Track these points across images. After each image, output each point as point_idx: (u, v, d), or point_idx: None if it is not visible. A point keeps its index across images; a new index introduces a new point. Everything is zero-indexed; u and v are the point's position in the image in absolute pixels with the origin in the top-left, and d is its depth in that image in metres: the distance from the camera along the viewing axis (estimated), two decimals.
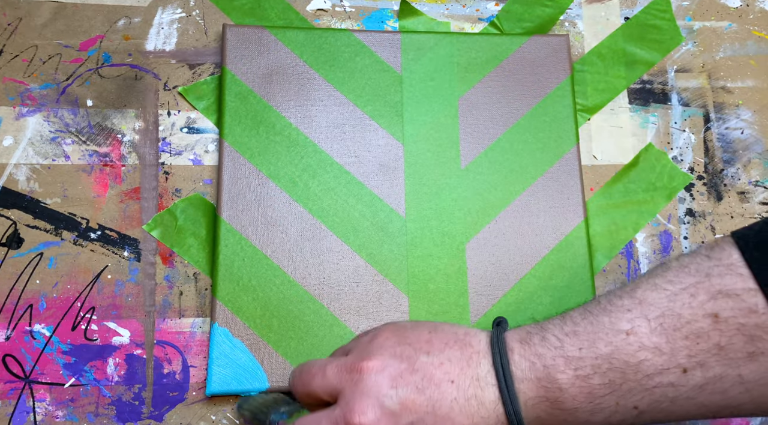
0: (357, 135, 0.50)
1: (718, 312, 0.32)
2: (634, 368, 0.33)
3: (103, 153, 0.49)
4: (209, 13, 0.53)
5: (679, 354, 0.32)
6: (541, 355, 0.35)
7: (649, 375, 0.33)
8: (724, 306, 0.32)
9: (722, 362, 0.32)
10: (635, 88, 0.55)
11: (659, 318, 0.33)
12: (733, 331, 0.32)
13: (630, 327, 0.33)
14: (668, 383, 0.33)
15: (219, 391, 0.44)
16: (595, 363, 0.34)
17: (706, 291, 0.32)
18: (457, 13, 0.55)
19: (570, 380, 0.34)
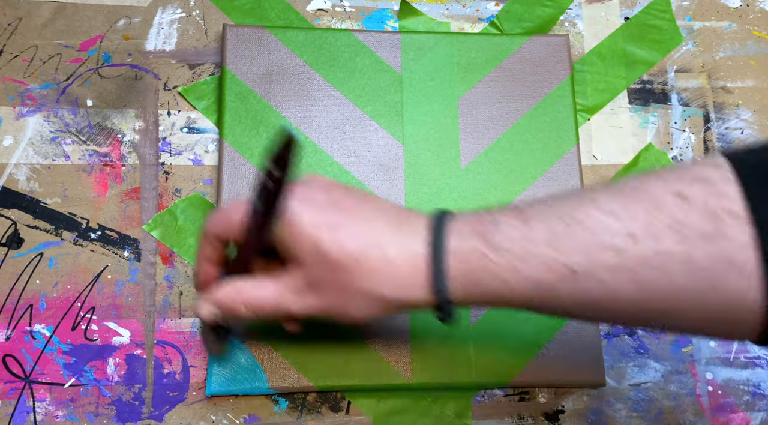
0: (357, 135, 0.50)
1: (687, 193, 0.30)
2: (582, 223, 0.31)
3: (103, 153, 0.49)
4: (209, 13, 0.53)
5: (633, 221, 0.31)
6: (490, 209, 0.34)
7: (595, 233, 0.31)
8: (695, 190, 0.30)
9: (676, 238, 0.30)
10: (635, 89, 0.55)
11: (623, 191, 0.32)
12: (697, 210, 0.30)
13: (591, 196, 0.32)
14: (613, 246, 0.31)
15: (219, 391, 0.44)
16: (544, 213, 0.32)
17: (680, 177, 0.31)
18: (457, 13, 0.56)
19: (510, 220, 0.33)
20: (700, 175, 0.31)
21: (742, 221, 0.29)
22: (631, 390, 0.47)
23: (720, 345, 0.49)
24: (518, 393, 0.47)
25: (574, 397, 0.47)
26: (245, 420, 0.44)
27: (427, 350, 0.46)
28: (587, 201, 0.32)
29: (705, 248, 0.30)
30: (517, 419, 0.46)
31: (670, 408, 0.47)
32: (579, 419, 0.46)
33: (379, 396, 0.46)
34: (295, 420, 0.45)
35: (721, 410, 0.47)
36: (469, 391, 0.46)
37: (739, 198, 0.29)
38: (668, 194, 0.31)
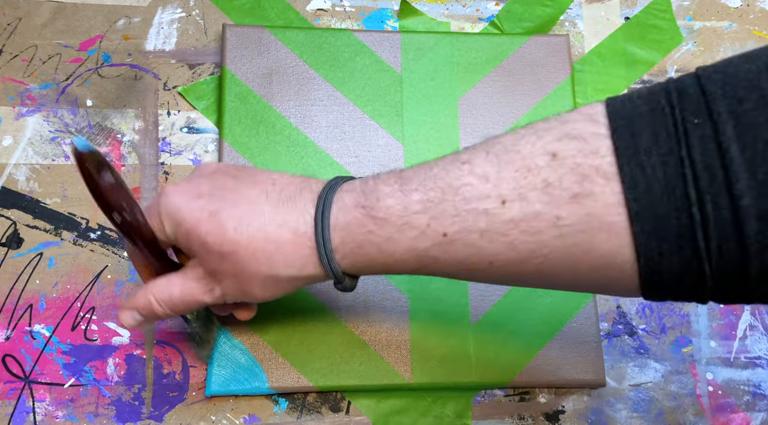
0: (357, 135, 0.50)
1: (557, 152, 0.30)
2: (455, 190, 0.31)
3: (103, 153, 0.49)
4: (209, 13, 0.53)
5: (503, 184, 0.30)
6: (377, 177, 0.34)
7: (467, 198, 0.31)
8: (565, 147, 0.30)
9: (544, 199, 0.30)
10: (635, 88, 0.54)
11: (498, 152, 0.31)
12: (566, 170, 0.29)
13: (467, 158, 0.32)
14: (483, 210, 0.31)
15: (219, 391, 0.44)
16: (423, 181, 0.33)
17: (555, 134, 0.30)
18: (457, 13, 0.55)
19: (391, 191, 0.33)
20: (575, 130, 0.30)
21: (612, 179, 0.28)
22: (632, 390, 0.47)
23: (720, 344, 0.49)
24: (518, 393, 0.47)
25: (574, 397, 0.47)
26: (245, 420, 0.44)
27: (427, 350, 0.46)
28: (463, 165, 0.32)
29: (573, 209, 0.29)
30: (518, 419, 0.46)
31: (670, 408, 0.47)
32: (579, 419, 0.46)
33: (379, 396, 0.46)
34: (295, 420, 0.45)
35: (721, 410, 0.47)
36: (469, 391, 0.46)
37: (610, 154, 0.29)
38: (540, 155, 0.30)
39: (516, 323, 0.47)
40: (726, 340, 0.49)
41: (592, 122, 0.30)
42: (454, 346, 0.46)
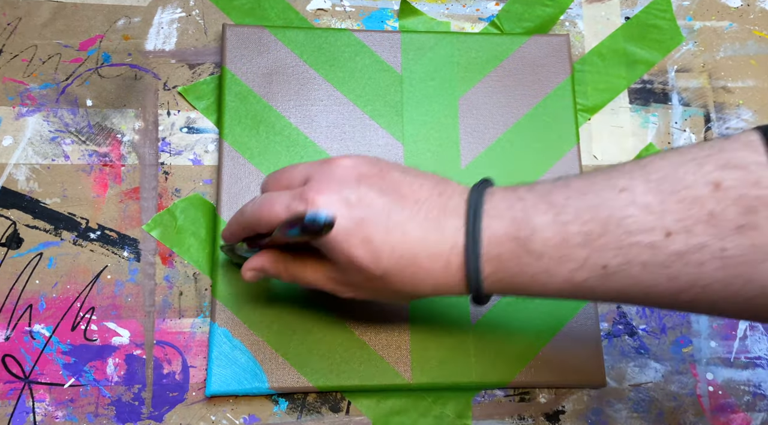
0: (357, 135, 0.50)
1: (720, 181, 0.30)
2: (617, 222, 0.31)
3: (103, 153, 0.49)
4: (209, 12, 0.53)
5: (668, 216, 0.30)
6: (523, 198, 0.34)
7: (630, 232, 0.31)
8: (728, 176, 0.30)
9: (709, 231, 0.30)
10: (636, 88, 0.54)
11: (659, 181, 0.31)
12: (730, 201, 0.29)
13: (625, 185, 0.32)
14: (648, 243, 0.31)
15: (219, 391, 0.44)
16: (579, 211, 0.32)
17: (715, 162, 0.30)
18: (457, 12, 0.55)
19: (547, 223, 0.32)
20: (735, 159, 0.30)
21: None
22: (632, 390, 0.47)
23: (721, 345, 0.49)
24: (518, 393, 0.47)
25: (574, 397, 0.47)
26: (245, 420, 0.44)
27: (427, 350, 0.46)
28: (622, 194, 0.31)
29: (737, 240, 0.29)
30: (518, 419, 0.46)
31: (670, 408, 0.47)
32: (579, 419, 0.46)
33: (379, 396, 0.45)
34: (295, 420, 0.45)
35: (721, 410, 0.47)
36: (469, 391, 0.46)
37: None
38: (703, 184, 0.30)
39: (516, 323, 0.47)
40: (726, 340, 0.49)
41: (752, 150, 0.30)
42: (454, 346, 0.46)
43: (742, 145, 0.31)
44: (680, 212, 0.30)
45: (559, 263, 0.32)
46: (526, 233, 0.33)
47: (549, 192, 0.33)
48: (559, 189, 0.33)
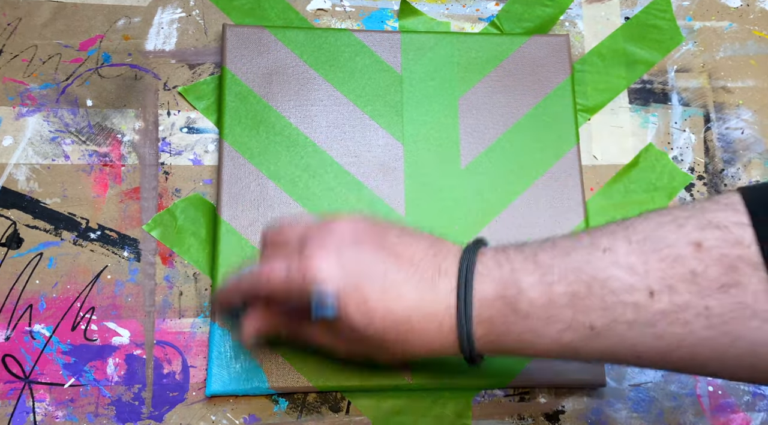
0: (357, 135, 0.50)
1: (702, 241, 0.30)
2: (601, 283, 0.32)
3: (103, 153, 0.49)
4: (209, 13, 0.53)
5: (650, 275, 0.31)
6: (511, 259, 0.34)
7: (614, 291, 0.31)
8: (709, 236, 0.30)
9: (692, 289, 0.30)
10: (635, 88, 0.55)
11: (641, 241, 0.32)
12: (713, 260, 0.30)
13: (608, 245, 0.32)
14: (632, 302, 0.31)
15: (219, 391, 0.44)
16: (563, 272, 0.33)
17: (696, 223, 0.31)
18: (457, 13, 0.55)
19: (533, 283, 0.33)
20: (716, 219, 0.31)
21: (758, 267, 0.29)
22: (632, 390, 0.47)
23: None
24: (518, 393, 0.47)
25: (574, 397, 0.47)
26: (245, 420, 0.44)
27: None
28: (605, 254, 0.32)
29: (722, 299, 0.30)
30: (518, 419, 0.46)
31: (670, 408, 0.47)
32: (579, 419, 0.46)
33: (379, 396, 0.46)
34: (295, 420, 0.45)
35: (721, 410, 0.47)
36: (469, 391, 0.46)
37: (754, 244, 0.30)
38: (684, 244, 0.31)
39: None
40: None
41: (733, 211, 0.31)
42: None
43: (723, 206, 0.31)
44: (663, 271, 0.31)
45: (546, 324, 0.33)
46: (512, 293, 0.33)
47: (536, 253, 0.34)
48: (546, 250, 0.34)
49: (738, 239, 0.30)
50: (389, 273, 0.35)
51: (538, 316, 0.33)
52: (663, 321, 0.31)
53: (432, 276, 0.35)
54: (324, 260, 0.35)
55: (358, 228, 0.37)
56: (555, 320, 0.33)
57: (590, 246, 0.33)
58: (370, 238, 0.36)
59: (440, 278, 0.35)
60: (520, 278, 0.33)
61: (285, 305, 0.39)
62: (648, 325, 0.31)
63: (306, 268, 0.35)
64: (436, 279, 0.35)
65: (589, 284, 0.32)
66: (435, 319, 0.35)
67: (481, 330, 0.34)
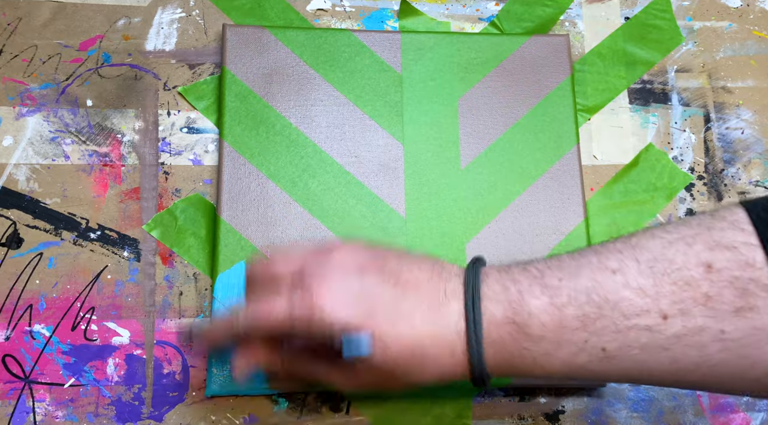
0: (357, 135, 0.50)
1: (712, 263, 0.30)
2: (613, 305, 0.31)
3: (103, 153, 0.49)
4: (209, 13, 0.53)
5: (663, 299, 0.31)
6: (517, 281, 0.34)
7: (626, 315, 0.31)
8: (719, 257, 0.30)
9: (706, 313, 0.30)
10: (635, 88, 0.55)
11: (650, 262, 0.31)
12: (725, 283, 0.30)
13: (617, 266, 0.32)
14: (645, 326, 0.31)
15: (219, 391, 0.44)
16: (573, 293, 0.32)
17: (704, 242, 0.31)
18: (457, 13, 0.55)
19: (543, 306, 0.32)
20: (724, 240, 0.31)
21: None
22: (632, 390, 0.47)
23: None
24: (518, 393, 0.47)
25: (574, 397, 0.47)
26: (245, 420, 0.44)
27: None
28: (615, 276, 0.32)
29: (737, 323, 0.30)
30: (518, 419, 0.46)
31: (670, 408, 0.47)
32: (579, 419, 0.46)
33: (379, 396, 0.45)
34: (295, 420, 0.45)
35: (721, 410, 0.47)
36: (469, 391, 0.46)
37: (765, 265, 0.30)
38: (695, 265, 0.31)
39: None
40: None
41: (740, 230, 0.31)
42: None
43: (730, 224, 0.31)
44: (675, 294, 0.31)
45: (558, 347, 0.33)
46: (523, 318, 0.33)
47: (542, 274, 0.34)
48: (553, 270, 0.34)
49: (749, 261, 0.30)
50: (398, 303, 0.34)
51: (549, 339, 0.32)
52: (677, 345, 0.31)
53: (440, 301, 0.34)
54: (330, 296, 0.34)
55: (358, 257, 0.36)
56: (567, 343, 0.32)
57: (598, 267, 0.32)
58: (371, 266, 0.35)
59: (448, 302, 0.34)
60: (529, 301, 0.33)
61: (289, 342, 0.37)
62: (662, 348, 0.31)
63: (312, 306, 0.34)
64: (444, 304, 0.34)
65: (600, 306, 0.32)
66: (446, 344, 0.34)
67: (492, 351, 0.34)
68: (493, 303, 0.33)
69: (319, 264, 0.35)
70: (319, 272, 0.35)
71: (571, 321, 0.32)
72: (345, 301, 0.34)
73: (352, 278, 0.34)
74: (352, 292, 0.34)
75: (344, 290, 0.34)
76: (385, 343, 0.34)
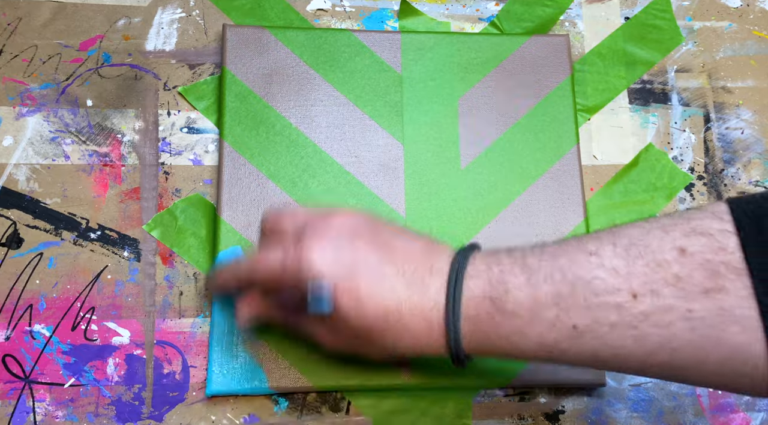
0: (357, 135, 0.50)
1: (686, 247, 0.31)
2: (585, 283, 0.32)
3: (103, 153, 0.49)
4: (209, 13, 0.53)
5: (634, 279, 0.31)
6: (500, 262, 0.35)
7: (597, 292, 0.32)
8: (694, 242, 0.31)
9: (675, 293, 0.31)
10: (635, 88, 0.55)
11: (626, 246, 0.32)
12: (696, 265, 0.31)
13: (594, 249, 0.33)
14: (614, 304, 0.32)
15: (219, 391, 0.44)
16: (549, 272, 0.33)
17: (681, 230, 0.32)
18: (457, 13, 0.55)
19: (519, 284, 0.34)
20: (701, 227, 0.31)
21: (742, 273, 0.30)
22: (632, 390, 0.47)
23: None
24: (518, 393, 0.47)
25: (574, 397, 0.47)
26: (245, 420, 0.44)
27: None
28: (591, 257, 0.33)
29: (705, 303, 0.30)
30: (517, 419, 0.46)
31: (670, 408, 0.47)
32: (579, 419, 0.46)
33: (379, 396, 0.46)
34: (295, 420, 0.45)
35: (721, 410, 0.47)
36: (469, 391, 0.46)
37: (738, 251, 0.30)
38: (669, 250, 0.31)
39: None
40: None
41: (718, 219, 0.31)
42: None
43: (709, 214, 0.32)
44: (646, 275, 0.31)
45: (530, 324, 0.33)
46: (499, 293, 0.34)
47: (525, 256, 0.35)
48: (535, 253, 0.35)
49: (722, 245, 0.30)
50: (382, 266, 0.36)
51: (522, 316, 0.33)
52: (645, 323, 0.31)
53: (423, 274, 0.36)
54: (319, 251, 0.36)
55: (356, 223, 0.38)
56: (539, 319, 0.33)
57: (577, 250, 0.33)
58: (366, 233, 0.37)
59: (431, 276, 0.36)
60: (508, 279, 0.34)
61: (279, 293, 0.39)
62: (630, 327, 0.32)
63: (301, 258, 0.36)
64: (427, 277, 0.36)
65: (573, 283, 0.32)
66: (424, 315, 0.35)
67: (468, 327, 0.35)
68: (473, 280, 0.35)
69: (318, 224, 0.37)
70: (316, 232, 0.37)
71: (545, 297, 0.33)
72: (332, 260, 0.35)
73: (344, 239, 0.36)
74: (340, 251, 0.36)
75: (333, 249, 0.36)
76: (361, 301, 0.35)
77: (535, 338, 0.34)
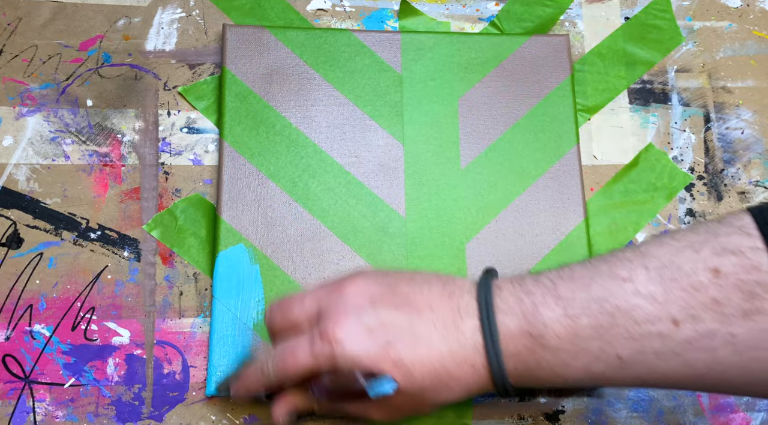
0: (357, 135, 0.50)
1: (719, 267, 0.31)
2: (625, 313, 0.32)
3: (103, 153, 0.49)
4: (209, 13, 0.53)
5: (673, 304, 0.31)
6: (530, 293, 0.34)
7: (638, 322, 0.32)
8: (726, 262, 0.31)
9: (716, 317, 0.31)
10: (635, 88, 0.55)
11: (659, 269, 0.32)
12: (732, 287, 0.31)
13: (627, 274, 0.33)
14: (657, 333, 0.32)
15: (219, 392, 0.44)
16: (586, 304, 0.33)
17: (711, 248, 0.32)
18: (457, 13, 0.55)
19: (557, 317, 0.33)
20: (730, 245, 0.31)
21: None
22: (632, 390, 0.47)
23: None
24: (518, 393, 0.47)
25: (574, 397, 0.47)
26: (245, 420, 0.44)
27: None
28: (625, 284, 0.33)
29: (746, 325, 0.31)
30: (517, 419, 0.46)
31: (670, 408, 0.47)
32: (579, 419, 0.46)
33: None
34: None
35: (721, 410, 0.47)
36: None
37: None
38: (702, 271, 0.31)
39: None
40: None
41: (746, 235, 0.31)
42: None
43: (736, 229, 0.32)
44: (684, 300, 0.31)
45: (575, 357, 0.33)
46: (538, 330, 0.34)
47: (555, 285, 0.34)
48: (565, 281, 0.34)
49: (755, 264, 0.31)
50: (414, 327, 0.35)
51: (566, 350, 0.33)
52: (690, 350, 0.32)
53: (454, 319, 0.35)
54: (346, 330, 0.34)
55: (368, 287, 0.36)
56: (583, 352, 0.33)
57: (609, 276, 0.33)
58: (382, 294, 0.36)
59: (462, 319, 0.35)
60: (543, 312, 0.34)
61: (316, 383, 0.38)
62: (675, 354, 0.32)
63: (331, 343, 0.34)
64: (459, 322, 0.35)
65: (612, 314, 0.32)
66: (467, 360, 0.35)
67: (512, 364, 0.35)
68: (507, 316, 0.34)
69: (332, 302, 0.36)
70: (333, 310, 0.35)
71: (585, 330, 0.33)
72: (362, 334, 0.34)
73: (366, 310, 0.35)
74: (368, 324, 0.35)
75: (360, 324, 0.35)
76: (409, 369, 0.34)
77: (581, 369, 0.34)
